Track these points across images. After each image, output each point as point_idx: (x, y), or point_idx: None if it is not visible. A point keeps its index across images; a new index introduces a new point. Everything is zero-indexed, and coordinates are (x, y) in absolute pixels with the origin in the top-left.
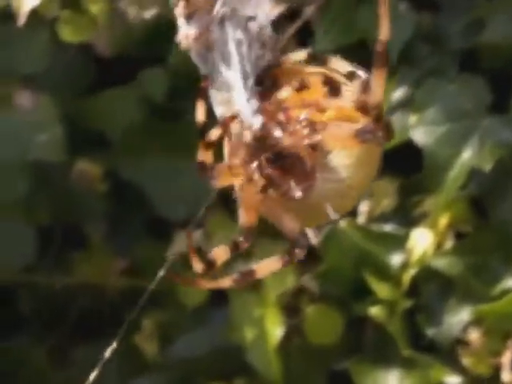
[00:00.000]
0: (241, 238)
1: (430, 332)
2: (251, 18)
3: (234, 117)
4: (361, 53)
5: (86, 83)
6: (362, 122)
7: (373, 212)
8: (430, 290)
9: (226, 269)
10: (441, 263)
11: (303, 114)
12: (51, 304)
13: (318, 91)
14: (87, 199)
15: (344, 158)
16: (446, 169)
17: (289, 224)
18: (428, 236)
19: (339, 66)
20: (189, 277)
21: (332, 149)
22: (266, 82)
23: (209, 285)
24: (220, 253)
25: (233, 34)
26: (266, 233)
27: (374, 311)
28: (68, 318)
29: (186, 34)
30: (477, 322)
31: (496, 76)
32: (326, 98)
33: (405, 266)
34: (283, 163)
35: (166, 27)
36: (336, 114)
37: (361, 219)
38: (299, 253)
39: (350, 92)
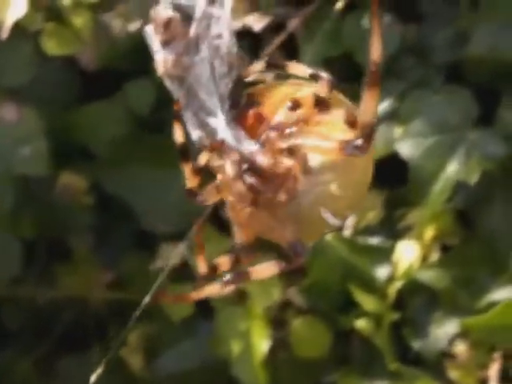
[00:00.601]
0: (242, 255)
1: (417, 345)
2: (218, 36)
3: (221, 142)
4: (346, 65)
5: (71, 96)
6: (348, 135)
7: (358, 225)
8: (416, 302)
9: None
10: (427, 276)
11: (288, 129)
12: (37, 317)
13: (308, 108)
14: (72, 212)
15: (328, 159)
16: (431, 181)
17: (283, 233)
18: (414, 249)
19: (299, 70)
20: (177, 293)
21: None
22: (241, 102)
23: (197, 296)
24: (223, 262)
25: (207, 56)
26: (265, 247)
27: (361, 324)
28: (54, 330)
29: (163, 60)
30: (463, 334)
31: (482, 88)
32: (315, 114)
33: (391, 278)
34: (264, 171)
35: None
36: (323, 128)
37: (346, 232)
38: (297, 260)
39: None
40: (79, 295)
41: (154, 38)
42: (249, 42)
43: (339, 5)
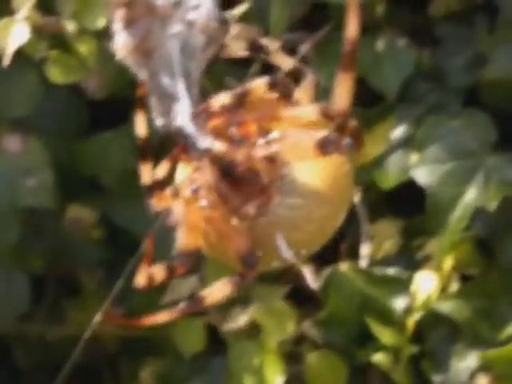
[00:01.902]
0: (177, 263)
1: (437, 379)
2: (196, 7)
3: (184, 148)
4: (359, 90)
5: (78, 126)
6: (325, 131)
7: (375, 255)
8: (435, 335)
9: (223, 311)
10: (446, 307)
11: (257, 126)
12: (47, 355)
13: (274, 101)
14: (81, 246)
15: (301, 186)
16: (449, 209)
17: (237, 243)
18: (432, 279)
19: (284, 61)
20: (124, 318)
21: (292, 161)
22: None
23: (147, 321)
24: (157, 272)
25: (175, 33)
26: (265, 277)
27: (378, 358)
28: (64, 368)
29: (123, 43)
30: (485, 367)
31: (500, 112)
32: (284, 107)
33: (409, 310)
34: (237, 178)
35: None
36: (295, 123)
37: (363, 263)
38: (249, 273)
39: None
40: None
41: (114, 18)
42: (259, 67)
43: None
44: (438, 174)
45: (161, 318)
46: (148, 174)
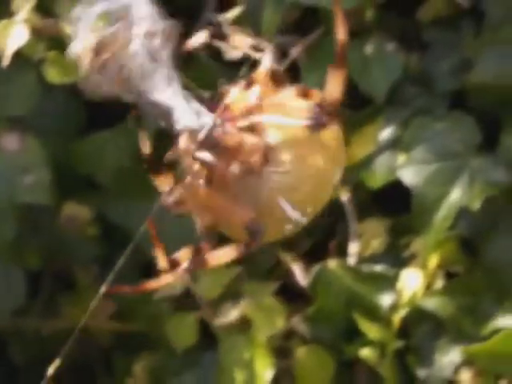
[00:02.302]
0: (202, 243)
1: (422, 373)
2: (141, 19)
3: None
4: (348, 93)
5: (75, 125)
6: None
7: (363, 253)
8: (420, 330)
9: (216, 306)
10: (431, 304)
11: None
12: (42, 350)
13: (264, 85)
14: (77, 243)
15: (288, 151)
16: (434, 209)
17: (239, 213)
18: (418, 276)
19: (243, 42)
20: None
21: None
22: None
23: (155, 285)
24: (184, 255)
25: (138, 50)
26: (256, 273)
27: (365, 353)
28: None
29: (99, 86)
30: (468, 362)
31: (484, 115)
32: (271, 91)
33: (395, 306)
34: (221, 147)
35: None
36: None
37: (351, 260)
38: (254, 241)
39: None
40: (84, 326)
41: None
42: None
43: None
44: (424, 174)
45: (166, 279)
46: (163, 183)
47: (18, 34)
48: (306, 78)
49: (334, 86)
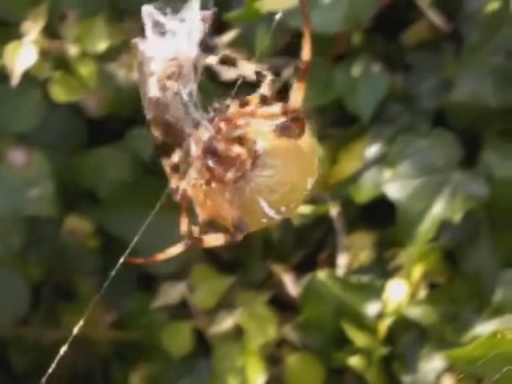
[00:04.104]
0: (196, 231)
1: (406, 379)
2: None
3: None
4: (336, 112)
5: (77, 141)
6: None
7: (351, 264)
8: (405, 338)
9: (211, 315)
10: (415, 312)
11: (238, 120)
12: (42, 358)
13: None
14: (78, 254)
15: (272, 158)
16: (417, 221)
17: (230, 211)
18: (403, 287)
19: (248, 67)
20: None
21: (259, 140)
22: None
23: (163, 256)
24: (194, 229)
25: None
26: (249, 284)
27: (353, 360)
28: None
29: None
30: (450, 368)
31: (465, 132)
32: (259, 108)
33: (381, 315)
34: (218, 155)
35: None
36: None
37: (339, 271)
38: (239, 235)
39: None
40: (83, 336)
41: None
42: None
43: None
44: (408, 188)
45: (172, 251)
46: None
47: (26, 55)
48: None
49: (296, 97)
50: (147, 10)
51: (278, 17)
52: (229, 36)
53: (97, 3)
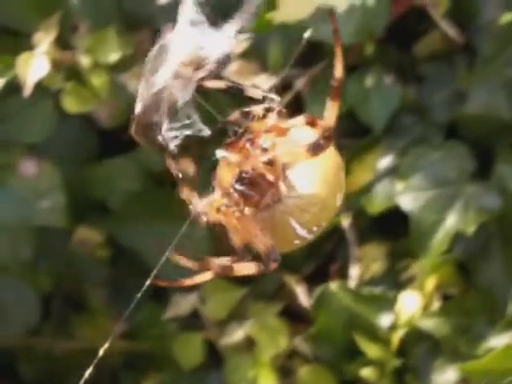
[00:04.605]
0: (240, 257)
1: None
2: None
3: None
4: (349, 122)
5: (88, 152)
6: (313, 137)
7: (363, 276)
8: (418, 350)
9: (222, 327)
10: (428, 324)
11: (261, 140)
12: (52, 369)
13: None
14: (88, 265)
15: (302, 178)
16: (431, 233)
17: (262, 240)
18: (416, 298)
19: (255, 92)
20: (173, 280)
21: (288, 162)
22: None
23: (191, 282)
24: (211, 262)
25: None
26: (261, 295)
27: (365, 372)
28: (69, 382)
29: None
30: (464, 380)
31: (478, 144)
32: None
33: (394, 327)
34: (250, 180)
35: None
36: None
37: (351, 283)
38: (272, 265)
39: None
40: (94, 346)
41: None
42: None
43: None
44: (421, 200)
45: (200, 279)
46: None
47: (38, 66)
48: (309, 107)
49: (330, 116)
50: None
51: (306, 35)
52: (241, 47)
53: (108, 14)
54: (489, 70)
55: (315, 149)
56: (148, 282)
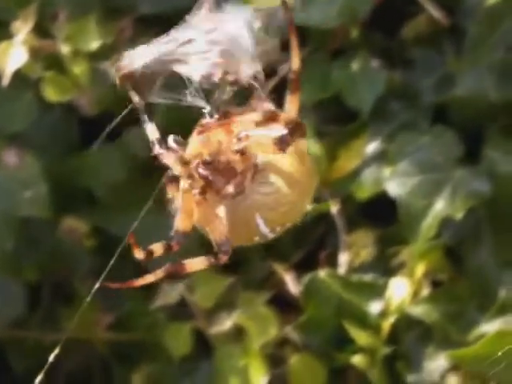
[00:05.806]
0: (174, 241)
1: (411, 379)
2: None
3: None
4: (335, 108)
5: (71, 141)
6: (279, 131)
7: (352, 263)
8: (408, 337)
9: (211, 315)
10: (418, 311)
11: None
12: (41, 359)
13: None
14: (75, 255)
15: (276, 177)
16: (419, 219)
17: (218, 228)
18: (405, 285)
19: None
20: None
21: (258, 153)
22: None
23: (141, 282)
24: (157, 248)
25: None
26: (249, 284)
27: (356, 360)
28: (59, 372)
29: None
30: (455, 367)
31: (466, 128)
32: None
33: (384, 314)
34: (217, 166)
35: None
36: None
37: (341, 270)
38: (223, 258)
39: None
40: (83, 337)
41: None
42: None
43: None
44: (409, 185)
45: (149, 278)
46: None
47: (17, 55)
48: None
49: (291, 108)
50: None
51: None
52: None
53: (88, 2)
54: (477, 52)
55: (283, 143)
56: (97, 285)
